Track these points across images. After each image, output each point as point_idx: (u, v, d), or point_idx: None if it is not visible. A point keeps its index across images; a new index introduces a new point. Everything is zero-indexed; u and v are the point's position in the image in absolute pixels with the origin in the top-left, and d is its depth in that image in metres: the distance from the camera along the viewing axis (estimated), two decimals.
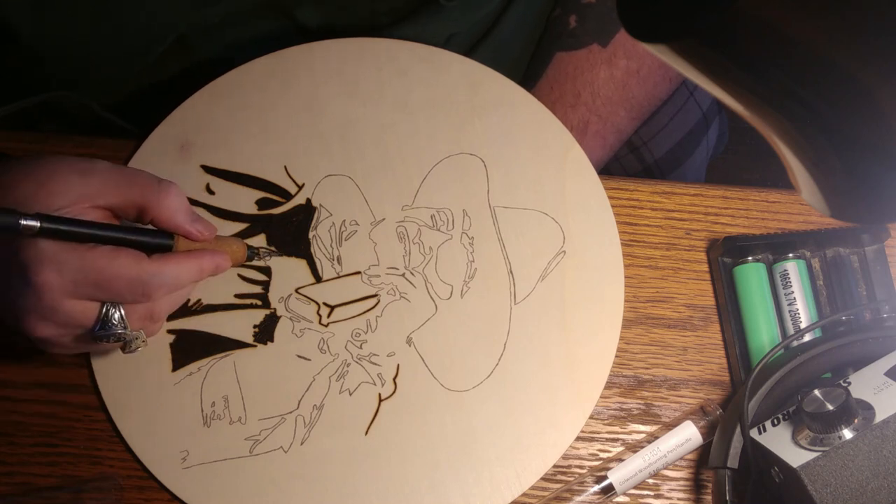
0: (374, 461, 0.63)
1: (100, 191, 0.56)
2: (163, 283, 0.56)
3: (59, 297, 0.54)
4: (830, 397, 0.54)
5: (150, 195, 0.57)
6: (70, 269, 0.54)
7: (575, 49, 0.78)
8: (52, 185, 0.55)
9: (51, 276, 0.54)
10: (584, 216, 0.68)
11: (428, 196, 0.68)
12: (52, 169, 0.56)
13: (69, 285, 0.54)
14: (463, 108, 0.70)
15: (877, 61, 0.29)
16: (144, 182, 0.57)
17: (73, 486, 0.62)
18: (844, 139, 0.33)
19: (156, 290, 0.56)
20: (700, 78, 0.33)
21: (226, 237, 0.62)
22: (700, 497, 0.64)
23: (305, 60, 0.70)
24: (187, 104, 0.69)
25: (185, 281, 0.58)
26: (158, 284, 0.56)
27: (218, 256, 0.59)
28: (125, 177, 0.57)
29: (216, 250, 0.59)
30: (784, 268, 0.66)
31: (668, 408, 0.66)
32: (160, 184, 0.57)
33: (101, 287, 0.55)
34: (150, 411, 0.64)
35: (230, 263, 0.60)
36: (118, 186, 0.57)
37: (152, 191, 0.57)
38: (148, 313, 0.58)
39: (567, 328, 0.66)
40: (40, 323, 0.55)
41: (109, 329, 0.56)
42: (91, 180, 0.56)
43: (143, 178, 0.58)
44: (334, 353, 0.65)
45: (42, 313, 0.55)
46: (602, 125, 0.78)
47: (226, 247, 0.60)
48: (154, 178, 0.58)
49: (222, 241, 0.61)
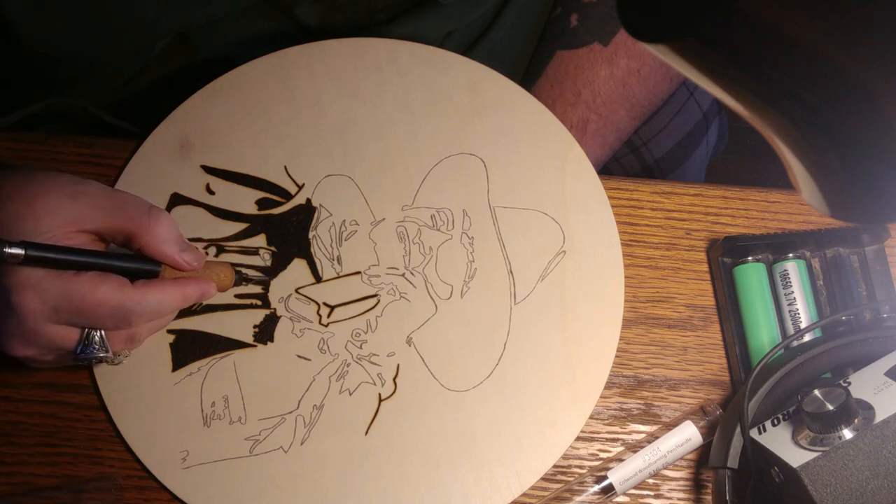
0: (374, 461, 0.63)
1: (88, 215, 0.56)
2: (145, 310, 0.57)
3: (40, 322, 0.55)
4: (830, 397, 0.54)
5: (140, 222, 0.57)
6: (52, 296, 0.54)
7: (576, 47, 0.78)
8: (39, 206, 0.55)
9: (33, 302, 0.54)
10: (584, 216, 0.68)
11: (428, 196, 0.68)
12: (43, 189, 0.56)
13: (50, 311, 0.54)
14: (463, 109, 0.70)
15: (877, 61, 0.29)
16: (134, 209, 0.57)
17: (73, 486, 0.62)
18: (844, 139, 0.33)
19: (137, 318, 0.57)
20: (700, 78, 0.33)
21: (214, 262, 0.62)
22: (700, 497, 0.64)
23: (305, 60, 0.70)
24: (187, 104, 0.69)
25: (167, 309, 0.58)
26: (140, 312, 0.56)
27: (204, 284, 0.60)
28: (115, 202, 0.57)
29: (201, 278, 0.60)
30: (784, 268, 0.66)
31: (668, 408, 0.66)
32: (150, 211, 0.57)
33: (83, 314, 0.55)
34: (150, 411, 0.64)
35: (215, 291, 0.61)
36: (107, 211, 0.57)
37: (142, 218, 0.57)
38: (129, 337, 0.58)
39: (567, 328, 0.66)
40: (21, 344, 0.56)
41: (90, 353, 0.57)
42: (80, 204, 0.56)
43: (133, 204, 0.57)
44: (334, 353, 0.65)
45: (24, 336, 0.56)
46: (602, 124, 0.78)
47: (212, 274, 0.61)
48: (145, 204, 0.58)
49: (209, 268, 0.61)
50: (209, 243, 0.67)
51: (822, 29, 0.29)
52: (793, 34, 0.30)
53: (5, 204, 0.55)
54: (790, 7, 0.29)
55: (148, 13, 0.67)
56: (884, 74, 0.30)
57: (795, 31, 0.30)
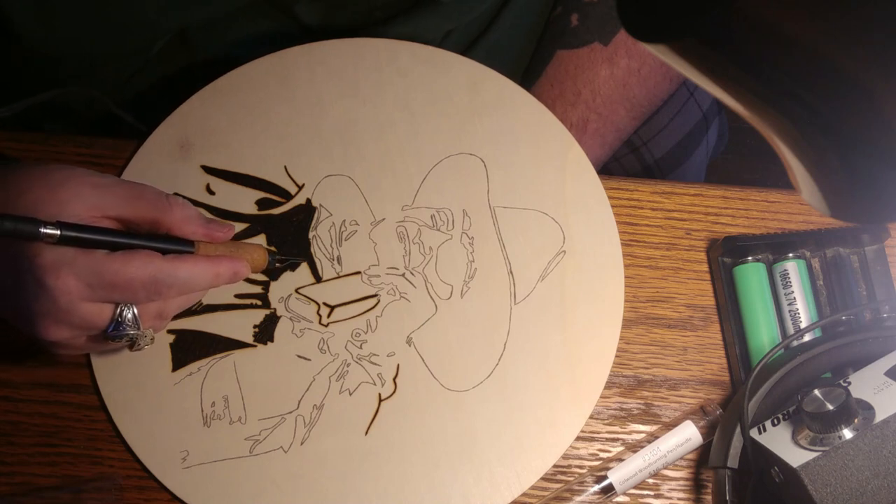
0: (374, 461, 0.63)
1: (111, 202, 0.56)
2: (176, 282, 0.56)
3: (75, 300, 0.55)
4: (830, 397, 0.54)
5: (161, 208, 0.57)
6: (86, 273, 0.54)
7: (576, 47, 0.78)
8: (62, 193, 0.55)
9: (68, 280, 0.54)
10: (584, 216, 0.68)
11: (428, 196, 0.68)
12: (64, 177, 0.56)
13: (85, 288, 0.54)
14: (463, 109, 0.70)
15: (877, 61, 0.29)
16: (152, 197, 0.58)
17: (73, 486, 0.62)
18: (844, 139, 0.33)
19: (168, 289, 0.56)
20: (700, 78, 0.33)
21: (247, 244, 0.62)
22: (700, 497, 0.64)
23: (306, 60, 0.70)
24: (188, 104, 0.69)
25: (198, 284, 0.58)
26: (171, 283, 0.56)
27: (237, 263, 0.59)
28: (135, 191, 0.58)
29: (235, 257, 0.59)
30: (784, 268, 0.66)
31: (668, 408, 0.66)
32: (168, 197, 0.58)
33: (117, 288, 0.55)
34: (150, 411, 0.64)
35: (249, 271, 0.60)
36: (128, 199, 0.57)
37: (161, 204, 0.57)
38: (158, 312, 0.58)
39: (567, 328, 0.66)
40: (54, 326, 0.56)
41: (122, 330, 0.56)
42: (103, 192, 0.56)
43: (151, 192, 0.58)
44: (334, 353, 0.65)
45: (57, 316, 0.55)
46: (602, 124, 0.78)
47: (245, 254, 0.60)
48: (161, 192, 0.58)
49: (243, 248, 0.61)
50: None
51: (822, 29, 0.29)
52: (793, 34, 0.30)
53: (24, 193, 0.55)
54: (790, 7, 0.29)
55: (147, 13, 0.67)
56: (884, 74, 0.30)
57: (795, 31, 0.30)
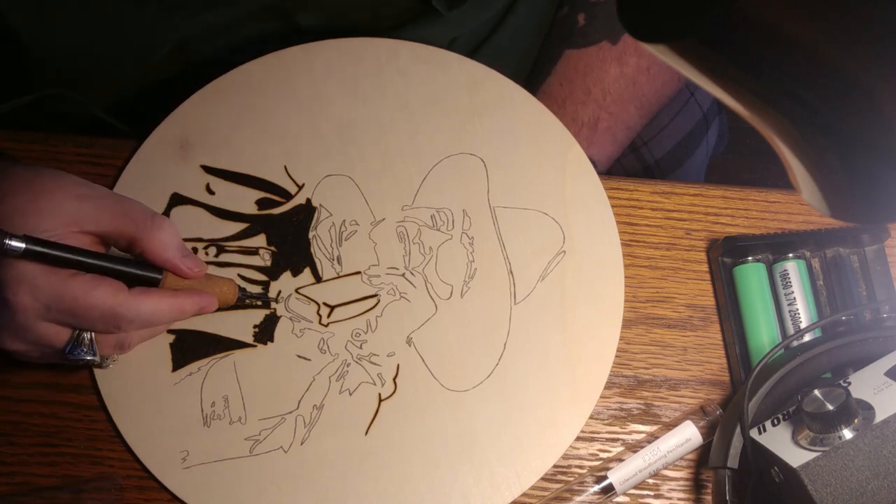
0: (374, 461, 0.63)
1: (92, 217, 0.56)
2: (136, 318, 0.57)
3: (31, 318, 0.55)
4: (830, 397, 0.54)
5: (143, 226, 0.57)
6: (45, 294, 0.54)
7: (585, 46, 0.78)
8: (43, 203, 0.55)
9: (25, 299, 0.54)
10: (584, 216, 0.68)
11: (428, 196, 0.68)
12: (49, 187, 0.56)
13: (42, 309, 0.55)
14: (463, 108, 0.70)
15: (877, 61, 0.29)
16: (138, 213, 0.58)
17: (73, 486, 0.62)
18: (844, 139, 0.33)
19: (128, 324, 0.57)
20: (700, 78, 0.33)
21: (218, 277, 0.62)
22: (700, 497, 0.64)
23: (305, 61, 0.70)
24: (187, 104, 0.69)
25: (161, 319, 0.58)
26: (132, 319, 0.56)
27: (204, 297, 0.59)
28: (120, 206, 0.57)
29: (203, 291, 0.59)
30: (784, 268, 0.66)
31: (668, 408, 0.66)
32: (154, 218, 0.58)
33: (75, 315, 0.55)
34: (150, 411, 0.64)
35: (216, 305, 0.60)
36: (112, 215, 0.57)
37: (145, 222, 0.57)
38: (118, 342, 0.58)
39: (567, 328, 0.66)
40: (11, 338, 0.56)
41: (78, 354, 0.57)
42: (84, 205, 0.56)
43: (138, 209, 0.58)
44: (334, 353, 0.65)
45: (14, 330, 0.56)
46: (612, 122, 0.78)
47: (215, 287, 0.60)
48: (149, 211, 0.58)
49: (213, 282, 0.61)
50: (209, 243, 0.67)
51: (822, 29, 0.29)
52: (793, 34, 0.30)
53: (9, 197, 0.55)
54: (790, 7, 0.29)
55: (148, 20, 0.67)
56: (884, 74, 0.30)
57: (795, 31, 0.30)
